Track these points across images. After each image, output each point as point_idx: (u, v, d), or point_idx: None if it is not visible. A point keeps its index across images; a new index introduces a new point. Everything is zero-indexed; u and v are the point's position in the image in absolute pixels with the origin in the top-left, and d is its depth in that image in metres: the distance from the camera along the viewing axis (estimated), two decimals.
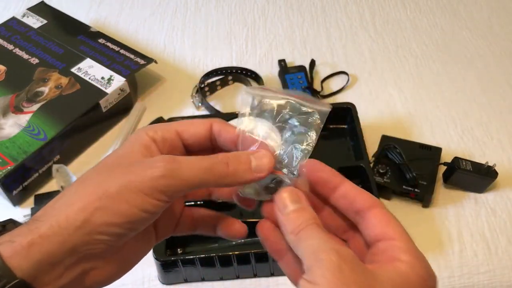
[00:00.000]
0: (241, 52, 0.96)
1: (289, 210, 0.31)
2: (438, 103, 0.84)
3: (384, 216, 0.31)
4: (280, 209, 0.32)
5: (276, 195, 0.33)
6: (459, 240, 0.66)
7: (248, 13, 1.04)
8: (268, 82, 0.88)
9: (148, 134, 0.33)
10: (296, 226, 0.30)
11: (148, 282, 0.65)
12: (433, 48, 0.95)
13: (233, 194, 0.36)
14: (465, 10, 1.03)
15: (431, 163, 0.71)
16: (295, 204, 0.32)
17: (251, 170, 0.32)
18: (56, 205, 0.30)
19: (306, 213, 0.31)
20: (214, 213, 0.38)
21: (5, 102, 0.78)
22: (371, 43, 0.96)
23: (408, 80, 0.89)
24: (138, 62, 0.84)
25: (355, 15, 1.03)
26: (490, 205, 0.70)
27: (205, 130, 0.35)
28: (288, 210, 0.31)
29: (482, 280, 0.64)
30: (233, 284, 0.64)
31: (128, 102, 0.84)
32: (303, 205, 0.32)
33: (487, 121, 0.81)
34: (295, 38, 0.98)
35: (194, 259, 0.61)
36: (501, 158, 0.75)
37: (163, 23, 1.03)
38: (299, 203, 0.32)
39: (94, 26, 0.95)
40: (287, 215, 0.31)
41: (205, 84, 0.87)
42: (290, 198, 0.32)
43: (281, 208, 0.32)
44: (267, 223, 0.34)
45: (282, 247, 0.34)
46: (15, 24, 0.92)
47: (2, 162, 0.69)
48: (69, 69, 0.83)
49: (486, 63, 0.91)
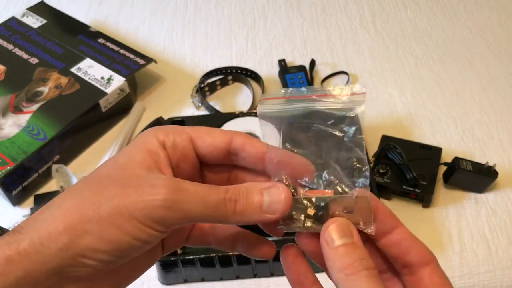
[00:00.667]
0: (241, 52, 0.96)
1: (339, 243, 0.28)
2: (439, 103, 0.84)
3: (441, 277, 0.29)
4: (328, 241, 0.28)
5: (326, 224, 0.29)
6: (460, 240, 0.66)
7: (248, 13, 1.04)
8: (268, 82, 0.88)
9: (158, 137, 0.29)
10: (348, 265, 0.27)
11: (148, 282, 0.65)
12: (433, 48, 0.95)
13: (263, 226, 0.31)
14: (465, 10, 1.03)
15: (432, 163, 0.71)
16: (347, 238, 0.28)
17: (262, 210, 0.28)
18: (40, 217, 0.26)
19: (360, 251, 0.28)
20: (235, 229, 0.34)
21: (5, 102, 0.78)
22: (371, 43, 0.96)
23: (408, 80, 0.89)
24: (138, 62, 0.84)
25: (355, 15, 1.03)
26: (491, 205, 0.70)
27: (224, 143, 0.30)
28: (338, 244, 0.28)
29: (482, 280, 0.64)
30: (233, 285, 0.64)
31: (127, 102, 0.84)
32: (355, 241, 0.28)
33: (488, 121, 0.81)
34: (295, 38, 0.98)
35: (194, 259, 0.61)
36: (501, 158, 0.75)
37: (163, 23, 1.03)
38: (351, 238, 0.28)
39: (94, 26, 0.95)
40: (336, 249, 0.28)
41: (205, 84, 0.87)
42: (342, 230, 0.28)
43: (329, 240, 0.28)
44: (293, 249, 0.31)
45: (306, 280, 0.31)
46: (14, 24, 0.92)
47: (1, 162, 0.69)
48: (69, 69, 0.82)
49: (487, 63, 0.91)
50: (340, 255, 0.27)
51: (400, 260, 0.30)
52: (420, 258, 0.29)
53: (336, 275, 0.27)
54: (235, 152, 0.31)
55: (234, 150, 0.31)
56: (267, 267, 0.63)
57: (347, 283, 0.27)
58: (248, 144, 0.30)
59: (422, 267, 0.29)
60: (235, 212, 0.28)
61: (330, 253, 0.28)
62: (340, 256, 0.27)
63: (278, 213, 0.29)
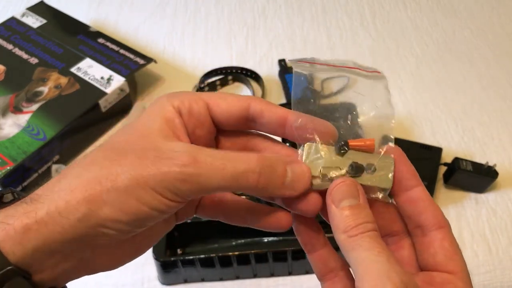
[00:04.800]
0: (241, 52, 0.95)
1: (345, 204, 0.27)
2: (439, 103, 0.84)
3: (451, 244, 0.28)
4: (334, 200, 0.28)
5: (333, 183, 0.28)
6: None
7: (248, 13, 1.04)
8: (268, 82, 0.88)
9: (174, 104, 0.29)
10: (351, 227, 0.27)
11: (147, 283, 0.65)
12: (434, 48, 0.94)
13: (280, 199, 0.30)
14: (466, 10, 1.02)
15: (432, 163, 0.71)
16: (353, 199, 0.28)
17: (284, 185, 0.28)
18: (56, 186, 0.26)
19: (365, 214, 0.27)
20: (246, 201, 0.33)
21: (5, 102, 0.78)
22: (372, 42, 0.96)
23: (409, 80, 0.88)
24: (138, 62, 0.84)
25: (355, 15, 1.03)
26: (491, 205, 0.70)
27: (241, 109, 0.30)
28: (343, 205, 0.27)
29: (482, 280, 0.63)
30: (233, 285, 0.64)
31: (127, 102, 0.84)
32: (361, 202, 0.28)
33: (488, 121, 0.81)
34: (295, 37, 0.98)
35: (194, 259, 0.61)
36: (501, 158, 0.75)
37: (163, 23, 1.03)
38: (357, 199, 0.28)
39: (94, 25, 0.95)
40: (341, 210, 0.27)
41: (205, 84, 0.87)
42: (349, 190, 0.28)
43: (335, 200, 0.28)
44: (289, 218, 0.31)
45: (317, 242, 0.31)
46: (14, 24, 0.92)
47: (1, 162, 0.69)
48: (69, 69, 0.82)
49: (487, 63, 0.91)
50: (345, 216, 0.27)
51: (414, 219, 0.29)
52: (434, 220, 0.29)
53: (339, 236, 0.27)
54: (253, 118, 0.30)
55: (252, 116, 0.30)
56: (267, 267, 0.63)
57: (348, 245, 0.27)
58: (267, 110, 0.30)
59: (434, 230, 0.29)
60: (258, 184, 0.27)
61: (335, 214, 0.28)
62: (345, 217, 0.27)
63: (298, 191, 0.28)
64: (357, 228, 0.27)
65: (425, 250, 0.29)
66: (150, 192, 0.26)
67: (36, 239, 0.25)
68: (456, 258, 0.28)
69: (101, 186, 0.26)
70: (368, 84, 0.32)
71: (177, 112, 0.29)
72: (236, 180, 0.27)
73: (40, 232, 0.25)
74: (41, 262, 0.26)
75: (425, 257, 0.29)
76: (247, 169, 0.27)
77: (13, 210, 0.26)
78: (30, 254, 0.25)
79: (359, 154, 0.30)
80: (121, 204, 0.25)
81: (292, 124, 0.30)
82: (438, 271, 0.28)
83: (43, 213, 0.25)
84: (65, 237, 0.25)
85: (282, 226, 0.31)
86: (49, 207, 0.25)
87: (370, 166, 0.29)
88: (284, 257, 0.62)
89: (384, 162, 0.30)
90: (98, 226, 0.26)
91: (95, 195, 0.25)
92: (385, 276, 0.24)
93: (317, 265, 0.32)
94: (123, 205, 0.26)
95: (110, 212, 0.25)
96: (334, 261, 0.32)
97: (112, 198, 0.25)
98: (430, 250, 0.28)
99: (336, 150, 0.30)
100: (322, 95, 0.32)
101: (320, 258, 0.32)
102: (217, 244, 0.65)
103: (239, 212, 0.32)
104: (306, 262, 0.62)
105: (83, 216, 0.25)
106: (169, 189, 0.26)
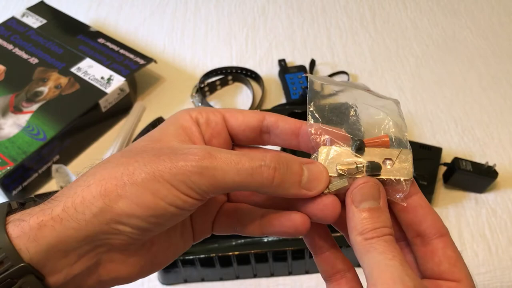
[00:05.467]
0: (241, 52, 0.96)
1: (365, 206, 0.27)
2: (439, 103, 0.84)
3: (454, 251, 0.28)
4: (354, 200, 0.27)
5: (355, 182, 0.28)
6: (460, 240, 0.66)
7: (248, 13, 1.04)
8: (268, 82, 0.88)
9: (192, 114, 0.30)
10: (368, 230, 0.26)
11: (148, 282, 0.65)
12: (434, 48, 0.95)
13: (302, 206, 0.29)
14: (465, 10, 1.03)
15: (432, 163, 0.71)
16: (374, 201, 0.27)
17: (300, 184, 0.28)
18: (74, 185, 0.26)
19: (384, 217, 0.27)
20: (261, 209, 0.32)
21: (5, 102, 0.78)
22: (372, 42, 0.96)
23: (409, 80, 0.89)
24: (138, 62, 0.84)
25: (355, 15, 1.03)
26: (491, 205, 0.70)
27: (257, 121, 0.30)
28: (364, 207, 0.27)
29: (482, 280, 0.63)
30: (233, 285, 0.64)
31: (127, 102, 0.84)
32: (381, 205, 0.27)
33: (488, 121, 0.81)
34: (295, 38, 0.98)
35: (194, 259, 0.61)
36: (501, 158, 0.75)
37: (163, 23, 1.03)
38: (378, 201, 0.27)
39: (94, 25, 0.95)
40: (360, 211, 0.27)
41: (205, 84, 0.87)
42: (370, 192, 0.27)
43: (355, 200, 0.27)
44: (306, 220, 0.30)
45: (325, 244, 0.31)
46: (14, 24, 0.92)
47: (1, 162, 0.69)
48: (69, 69, 0.82)
49: (487, 63, 0.91)
50: (363, 218, 0.27)
51: (414, 228, 0.29)
52: (435, 229, 0.28)
53: (355, 237, 0.27)
54: (268, 130, 0.31)
55: (266, 128, 0.31)
56: (267, 267, 0.63)
57: (363, 248, 0.26)
58: (281, 121, 0.30)
59: (435, 239, 0.28)
60: (274, 180, 0.27)
61: (354, 214, 0.27)
62: (363, 219, 0.27)
63: (315, 190, 0.28)
64: (374, 232, 0.26)
65: (428, 259, 0.28)
66: (166, 186, 0.25)
67: (51, 236, 0.25)
68: (460, 265, 0.28)
69: (117, 181, 0.25)
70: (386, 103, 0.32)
71: (195, 121, 0.30)
72: (251, 175, 0.26)
73: (55, 229, 0.25)
74: (55, 261, 0.25)
75: (429, 266, 0.28)
76: (262, 164, 0.27)
77: (31, 209, 0.26)
78: (45, 251, 0.25)
79: (376, 150, 0.29)
80: (137, 198, 0.25)
81: (306, 132, 0.30)
82: (444, 279, 0.28)
83: (59, 210, 0.25)
84: (80, 234, 0.25)
85: (298, 229, 0.29)
86: (65, 204, 0.25)
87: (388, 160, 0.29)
88: (284, 257, 0.62)
89: (402, 155, 0.29)
90: (113, 222, 0.25)
91: (110, 189, 0.25)
92: (398, 280, 0.24)
93: (323, 266, 0.32)
94: (138, 199, 0.25)
95: (126, 206, 0.25)
96: (341, 263, 0.31)
97: (128, 192, 0.25)
98: (434, 259, 0.28)
99: (353, 150, 0.29)
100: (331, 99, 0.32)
101: (327, 260, 0.31)
102: (217, 244, 0.65)
103: (254, 221, 0.31)
104: (306, 262, 0.62)
105: (98, 211, 0.25)
106: (185, 183, 0.26)
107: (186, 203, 0.26)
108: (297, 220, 0.29)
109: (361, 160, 0.29)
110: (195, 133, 0.29)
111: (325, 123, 0.30)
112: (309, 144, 0.30)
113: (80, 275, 0.27)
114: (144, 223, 0.26)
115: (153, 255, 0.30)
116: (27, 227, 0.25)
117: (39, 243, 0.25)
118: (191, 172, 0.25)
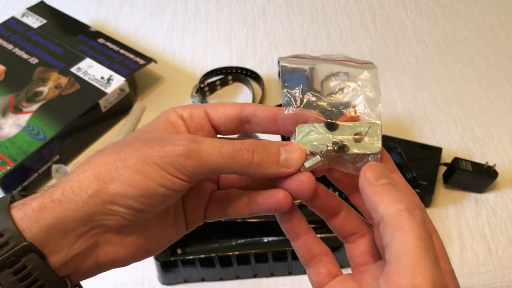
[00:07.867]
0: (241, 52, 0.96)
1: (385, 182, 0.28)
2: (439, 103, 0.84)
3: None
4: (371, 180, 0.28)
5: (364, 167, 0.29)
6: (460, 240, 0.66)
7: (248, 13, 1.04)
8: (268, 82, 0.88)
9: (176, 110, 0.33)
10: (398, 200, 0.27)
11: (147, 282, 0.65)
12: (434, 48, 0.95)
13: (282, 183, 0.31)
14: (465, 10, 1.03)
15: (432, 163, 0.71)
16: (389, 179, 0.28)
17: (279, 163, 0.30)
18: (71, 173, 0.29)
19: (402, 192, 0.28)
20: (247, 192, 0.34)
21: (5, 102, 0.78)
22: (372, 43, 0.96)
23: (409, 80, 0.89)
24: (138, 62, 0.84)
25: (355, 15, 1.03)
26: (491, 205, 0.70)
27: (236, 111, 0.33)
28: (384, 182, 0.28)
29: (482, 280, 0.63)
30: (233, 285, 0.64)
31: (127, 102, 0.84)
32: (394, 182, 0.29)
33: (488, 121, 0.81)
34: (295, 38, 0.98)
35: (194, 259, 0.61)
36: (501, 158, 0.75)
37: (163, 23, 1.03)
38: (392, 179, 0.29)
39: (94, 25, 0.95)
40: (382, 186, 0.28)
41: (205, 84, 0.87)
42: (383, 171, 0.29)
43: (372, 180, 0.28)
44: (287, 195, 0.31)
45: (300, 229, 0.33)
46: (14, 24, 0.92)
47: (1, 162, 0.69)
48: (69, 68, 0.82)
49: (487, 63, 0.91)
50: (389, 191, 0.28)
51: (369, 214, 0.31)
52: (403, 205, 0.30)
53: (387, 209, 0.27)
54: (248, 119, 0.33)
55: (246, 118, 0.33)
56: (267, 267, 0.63)
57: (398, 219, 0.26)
58: (259, 110, 0.33)
59: None
60: (253, 162, 0.30)
61: (376, 190, 0.28)
62: (388, 191, 0.28)
63: (293, 167, 0.31)
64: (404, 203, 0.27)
65: None
66: (156, 168, 0.28)
67: (50, 217, 0.27)
68: None
69: (110, 165, 0.28)
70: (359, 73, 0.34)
71: (180, 116, 0.33)
72: (233, 157, 0.29)
73: (54, 210, 0.27)
74: (55, 242, 0.28)
75: None
76: (242, 147, 0.30)
77: (32, 195, 0.29)
78: (45, 231, 0.27)
79: (348, 125, 0.31)
80: (129, 180, 0.28)
81: (282, 117, 0.32)
82: None
83: (59, 193, 0.28)
84: (78, 214, 0.28)
85: (281, 205, 0.31)
86: (63, 188, 0.28)
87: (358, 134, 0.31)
88: (284, 257, 0.62)
89: (371, 130, 0.31)
90: (108, 203, 0.28)
91: (104, 173, 0.28)
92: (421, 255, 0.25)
93: (301, 251, 0.34)
94: (130, 180, 0.28)
95: (119, 187, 0.28)
96: (317, 247, 0.33)
97: (121, 175, 0.28)
98: None
99: (325, 127, 0.32)
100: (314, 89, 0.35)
101: (303, 245, 0.33)
102: (217, 244, 0.65)
103: (242, 203, 0.33)
104: None
105: (94, 192, 0.28)
106: (173, 165, 0.28)
107: (175, 184, 0.28)
108: (279, 196, 0.31)
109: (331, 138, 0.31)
110: (181, 126, 0.32)
111: (299, 105, 0.33)
112: (287, 128, 0.33)
113: (78, 256, 0.29)
114: (137, 204, 0.28)
115: (147, 240, 0.32)
116: (29, 209, 0.27)
117: (40, 223, 0.27)
118: (178, 155, 0.28)
